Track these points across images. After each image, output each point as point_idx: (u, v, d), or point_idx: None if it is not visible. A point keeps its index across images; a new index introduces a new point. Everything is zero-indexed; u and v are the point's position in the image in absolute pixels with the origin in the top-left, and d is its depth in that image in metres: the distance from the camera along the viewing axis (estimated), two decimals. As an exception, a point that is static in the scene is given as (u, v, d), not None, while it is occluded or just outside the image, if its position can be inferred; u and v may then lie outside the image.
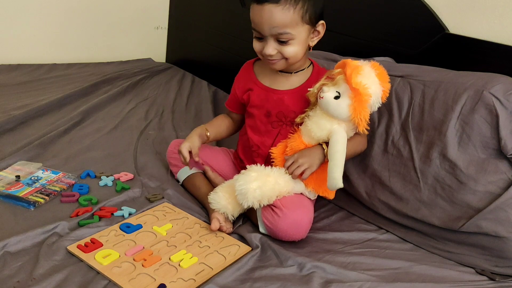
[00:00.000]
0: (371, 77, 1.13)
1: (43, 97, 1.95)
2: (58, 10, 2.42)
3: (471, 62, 1.32)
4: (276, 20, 1.12)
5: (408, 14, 1.48)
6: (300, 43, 1.17)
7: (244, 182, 1.13)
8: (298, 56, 1.20)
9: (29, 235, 1.08)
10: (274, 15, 1.12)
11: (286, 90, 1.27)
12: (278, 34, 1.14)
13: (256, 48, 1.21)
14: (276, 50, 1.17)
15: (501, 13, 1.29)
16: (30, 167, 1.40)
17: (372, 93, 1.11)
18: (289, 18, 1.12)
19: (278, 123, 1.27)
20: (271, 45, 1.16)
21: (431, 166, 1.20)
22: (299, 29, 1.15)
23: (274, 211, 1.15)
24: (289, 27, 1.13)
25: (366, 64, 1.15)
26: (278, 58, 1.19)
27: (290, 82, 1.27)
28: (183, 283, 1.00)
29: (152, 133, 1.76)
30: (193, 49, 2.57)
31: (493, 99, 1.13)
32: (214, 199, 1.20)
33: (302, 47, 1.18)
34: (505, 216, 1.08)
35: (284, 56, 1.17)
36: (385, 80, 1.16)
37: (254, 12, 1.15)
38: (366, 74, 1.12)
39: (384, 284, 1.02)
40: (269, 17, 1.12)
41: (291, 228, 1.13)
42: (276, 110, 1.27)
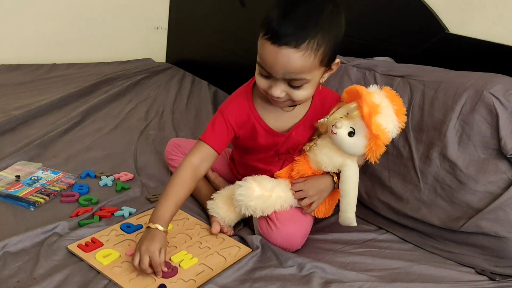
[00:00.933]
0: (389, 116, 1.04)
1: (43, 97, 1.95)
2: (58, 10, 2.42)
3: (471, 62, 1.32)
4: (293, 66, 0.96)
5: (408, 14, 1.48)
6: (313, 86, 1.03)
7: (244, 198, 1.10)
8: (309, 98, 1.08)
9: (29, 235, 1.08)
10: (292, 60, 0.95)
11: (293, 127, 1.15)
12: (292, 79, 0.99)
13: (261, 85, 1.04)
14: (285, 92, 1.02)
15: (501, 13, 1.29)
16: (30, 167, 1.40)
17: (391, 135, 1.05)
18: (309, 64, 0.97)
19: (285, 155, 1.20)
20: (280, 87, 1.01)
21: (431, 166, 1.20)
22: (315, 73, 1.00)
23: (268, 224, 1.14)
24: (306, 73, 0.98)
25: (382, 97, 1.05)
26: (285, 100, 1.04)
27: (295, 115, 1.15)
28: (183, 284, 1.00)
29: (152, 133, 1.76)
30: (193, 49, 2.57)
31: (493, 99, 1.13)
32: (212, 208, 1.19)
33: (313, 89, 1.05)
34: (505, 216, 1.08)
35: (292, 99, 1.03)
36: (402, 113, 1.08)
37: (267, 51, 0.97)
38: (385, 113, 1.03)
39: (384, 284, 1.02)
40: (286, 62, 0.95)
41: (284, 242, 1.13)
42: (284, 148, 1.17)
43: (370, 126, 1.02)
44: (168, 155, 1.43)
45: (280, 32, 0.94)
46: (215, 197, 1.21)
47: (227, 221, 1.19)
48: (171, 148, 1.43)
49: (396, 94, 1.09)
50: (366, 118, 1.02)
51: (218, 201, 1.19)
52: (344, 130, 1.05)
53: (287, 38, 0.94)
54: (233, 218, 1.19)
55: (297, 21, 0.94)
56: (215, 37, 2.37)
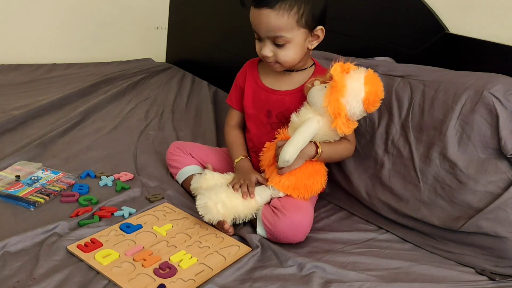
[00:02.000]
0: (355, 75, 1.13)
1: (43, 97, 1.95)
2: (58, 10, 2.42)
3: (471, 62, 1.32)
4: (271, 24, 1.15)
5: (408, 14, 1.48)
6: (296, 46, 1.19)
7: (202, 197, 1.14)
8: (294, 60, 1.22)
9: (29, 235, 1.08)
10: (269, 19, 1.15)
11: (288, 91, 1.28)
12: (274, 37, 1.17)
13: (257, 49, 1.23)
14: (272, 52, 1.19)
15: (501, 13, 1.29)
16: (30, 167, 1.40)
17: (349, 87, 1.11)
18: (284, 22, 1.14)
19: (278, 124, 1.28)
20: (267, 46, 1.19)
21: (431, 166, 1.20)
22: (295, 33, 1.17)
23: (274, 212, 1.15)
24: (284, 31, 1.16)
25: (361, 68, 1.15)
26: (274, 61, 1.21)
27: (292, 82, 1.28)
28: (182, 283, 1.00)
29: (152, 133, 1.76)
30: (193, 49, 2.57)
31: (493, 99, 1.13)
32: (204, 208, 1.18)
33: (298, 51, 1.20)
34: (505, 216, 1.08)
35: (278, 60, 1.20)
36: (373, 85, 1.14)
37: (253, 15, 1.18)
38: (352, 73, 1.13)
39: (384, 284, 1.02)
40: (265, 21, 1.15)
41: (290, 230, 1.13)
42: (277, 111, 1.28)
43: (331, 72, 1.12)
44: (170, 156, 1.43)
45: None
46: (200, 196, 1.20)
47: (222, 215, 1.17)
48: (173, 149, 1.43)
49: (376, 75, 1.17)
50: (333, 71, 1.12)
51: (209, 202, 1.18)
52: (318, 87, 1.17)
53: (265, 1, 1.15)
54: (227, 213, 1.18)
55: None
56: (215, 37, 2.37)
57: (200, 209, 1.15)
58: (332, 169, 1.39)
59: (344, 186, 1.37)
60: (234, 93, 1.38)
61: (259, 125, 1.31)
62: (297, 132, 1.14)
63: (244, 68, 1.37)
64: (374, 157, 1.32)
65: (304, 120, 1.16)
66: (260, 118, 1.31)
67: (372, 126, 1.33)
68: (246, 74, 1.35)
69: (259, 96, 1.31)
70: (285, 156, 1.12)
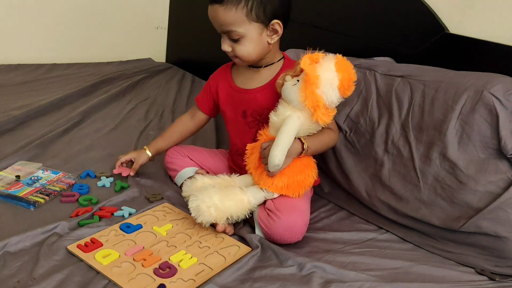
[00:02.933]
0: (326, 64, 1.11)
1: (43, 97, 1.95)
2: (58, 10, 2.42)
3: (471, 62, 1.32)
4: (220, 19, 1.18)
5: (408, 14, 1.48)
6: (252, 41, 1.19)
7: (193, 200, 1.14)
8: (252, 54, 1.21)
9: (29, 235, 1.08)
10: (218, 14, 1.17)
11: (258, 88, 1.28)
12: (227, 32, 1.19)
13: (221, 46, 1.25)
14: (230, 47, 1.21)
15: (501, 13, 1.29)
16: (30, 167, 1.40)
17: (323, 78, 1.09)
18: (232, 17, 1.16)
19: (254, 122, 1.28)
20: (225, 42, 1.21)
21: (431, 166, 1.20)
22: (247, 27, 1.17)
23: (269, 215, 1.14)
24: (234, 26, 1.17)
25: (329, 56, 1.13)
26: (233, 56, 1.23)
27: (261, 79, 1.28)
28: (182, 283, 1.00)
29: (152, 133, 1.76)
30: (193, 49, 2.57)
31: (493, 99, 1.13)
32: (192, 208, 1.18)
33: (255, 45, 1.20)
34: (505, 216, 1.08)
35: (236, 54, 1.21)
36: (345, 70, 1.12)
37: (209, 12, 1.22)
38: (321, 62, 1.12)
39: (384, 284, 1.02)
40: (216, 16, 1.19)
41: (286, 232, 1.13)
42: (251, 110, 1.28)
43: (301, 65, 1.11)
44: (168, 159, 1.42)
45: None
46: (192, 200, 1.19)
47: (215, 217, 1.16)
48: (171, 152, 1.43)
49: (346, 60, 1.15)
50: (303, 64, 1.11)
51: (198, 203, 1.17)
52: (290, 82, 1.16)
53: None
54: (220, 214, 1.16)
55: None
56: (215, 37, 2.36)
57: (193, 211, 1.14)
58: (332, 169, 1.39)
59: (344, 186, 1.37)
60: (202, 93, 1.41)
61: (238, 127, 1.31)
62: (281, 133, 1.12)
63: (217, 72, 1.38)
64: (374, 157, 1.32)
65: (284, 118, 1.15)
66: (238, 119, 1.30)
67: (372, 126, 1.33)
68: (219, 78, 1.36)
69: (233, 98, 1.31)
70: (274, 160, 1.10)
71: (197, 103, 1.41)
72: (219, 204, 1.13)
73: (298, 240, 1.15)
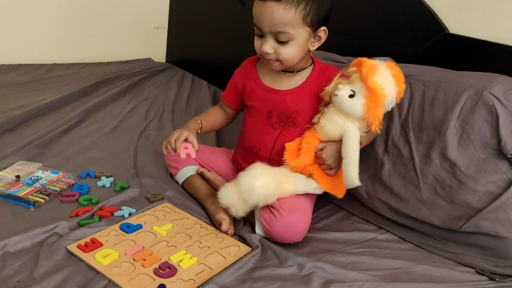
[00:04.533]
0: (387, 77, 1.13)
1: (43, 97, 1.95)
2: (58, 10, 2.42)
3: (471, 62, 1.32)
4: (276, 17, 1.11)
5: (408, 14, 1.48)
6: (299, 45, 1.16)
7: (250, 178, 1.13)
8: (295, 59, 1.18)
9: (29, 235, 1.08)
10: (275, 12, 1.11)
11: (288, 90, 1.26)
12: (278, 32, 1.13)
13: (256, 46, 1.20)
14: (273, 49, 1.16)
15: (501, 13, 1.29)
16: (30, 167, 1.39)
17: (387, 93, 1.11)
18: (290, 17, 1.11)
19: (279, 124, 1.27)
20: (269, 43, 1.15)
21: (431, 166, 1.20)
22: (299, 30, 1.14)
23: (272, 212, 1.14)
24: (288, 27, 1.12)
25: (381, 64, 1.14)
26: (274, 59, 1.18)
27: (292, 81, 1.26)
28: (182, 283, 1.00)
29: (152, 133, 1.76)
30: (193, 49, 2.57)
31: (493, 99, 1.13)
32: (225, 195, 1.18)
33: (300, 50, 1.17)
34: (505, 216, 1.08)
35: (279, 57, 1.17)
36: (401, 80, 1.16)
37: (256, 8, 1.15)
38: (382, 74, 1.12)
39: (384, 284, 1.02)
40: (270, 14, 1.11)
41: (287, 230, 1.13)
42: (277, 111, 1.26)
43: (367, 82, 1.09)
44: (169, 156, 1.42)
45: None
46: (227, 186, 1.20)
47: (239, 208, 1.17)
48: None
49: (396, 65, 1.18)
50: (364, 76, 1.10)
51: (231, 189, 1.18)
52: (345, 92, 1.14)
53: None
54: (244, 207, 1.17)
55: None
56: (215, 37, 2.37)
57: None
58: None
59: (344, 186, 1.37)
60: (229, 91, 1.37)
61: (260, 126, 1.29)
62: (348, 151, 1.14)
63: (242, 67, 1.35)
64: (374, 157, 1.32)
65: (342, 129, 1.16)
66: (261, 118, 1.28)
67: (372, 126, 1.33)
68: (245, 73, 1.32)
69: (259, 95, 1.28)
70: (355, 182, 1.13)
71: (224, 100, 1.38)
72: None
73: (298, 241, 1.15)
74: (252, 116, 1.31)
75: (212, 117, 1.38)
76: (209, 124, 1.36)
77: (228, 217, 1.19)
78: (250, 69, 1.32)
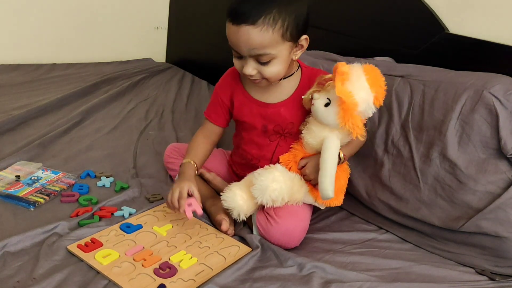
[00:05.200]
0: (359, 83, 1.07)
1: (43, 97, 1.95)
2: (58, 10, 2.42)
3: (471, 62, 1.32)
4: (254, 42, 1.03)
5: (408, 14, 1.48)
6: (282, 61, 1.09)
7: (266, 179, 1.11)
8: (280, 75, 1.12)
9: (29, 235, 1.08)
10: (252, 36, 1.03)
11: (281, 102, 1.19)
12: (258, 55, 1.06)
13: (236, 67, 1.13)
14: (256, 70, 1.08)
15: (501, 13, 1.29)
16: (30, 167, 1.40)
17: (359, 100, 1.06)
18: (268, 39, 1.03)
19: (275, 135, 1.21)
20: (250, 65, 1.08)
21: (431, 166, 1.20)
22: (280, 48, 1.06)
23: (268, 219, 1.14)
24: (268, 48, 1.05)
25: (357, 68, 1.09)
26: (259, 78, 1.11)
27: (282, 91, 1.19)
28: (182, 283, 1.00)
29: (152, 133, 1.76)
30: (193, 49, 2.57)
31: (493, 99, 1.13)
32: (229, 197, 1.16)
33: (284, 65, 1.10)
34: (505, 216, 1.08)
35: (264, 76, 1.10)
36: (377, 84, 1.10)
37: (230, 31, 1.06)
38: (353, 80, 1.06)
39: (384, 284, 1.02)
40: (246, 39, 1.03)
41: (283, 237, 1.13)
42: (273, 124, 1.20)
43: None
44: (167, 159, 1.43)
45: (238, 11, 1.03)
46: (232, 187, 1.18)
47: (243, 211, 1.15)
48: (170, 152, 1.43)
49: (374, 68, 1.12)
50: (335, 84, 1.05)
51: (236, 189, 1.16)
52: (321, 101, 1.10)
53: (243, 16, 1.02)
54: (250, 207, 1.16)
55: (253, 1, 1.03)
56: (215, 37, 2.37)
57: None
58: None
59: (344, 186, 1.37)
60: (213, 107, 1.25)
61: (256, 139, 1.23)
62: (325, 161, 1.09)
63: (225, 81, 1.24)
64: (374, 157, 1.32)
65: (321, 139, 1.13)
66: (257, 132, 1.22)
67: (372, 126, 1.33)
68: (230, 88, 1.23)
69: (250, 110, 1.20)
70: (328, 194, 1.08)
71: (209, 119, 1.26)
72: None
73: (295, 246, 1.15)
74: (246, 130, 1.25)
75: (202, 150, 1.24)
76: (202, 160, 1.24)
77: (228, 218, 1.19)
78: (234, 82, 1.23)
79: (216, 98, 1.25)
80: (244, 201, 1.15)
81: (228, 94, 1.23)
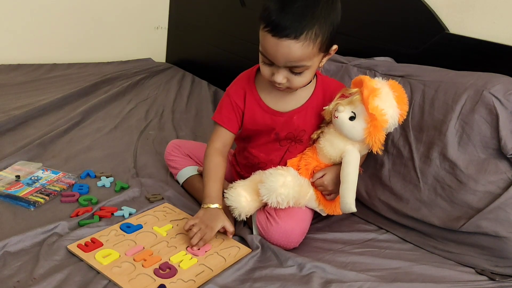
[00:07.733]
0: (388, 101, 1.07)
1: (43, 97, 1.95)
2: (58, 10, 2.42)
3: (471, 62, 1.32)
4: (294, 55, 1.02)
5: (408, 14, 1.48)
6: (313, 71, 1.10)
7: (276, 181, 1.10)
8: (307, 83, 1.13)
9: (29, 235, 1.08)
10: (292, 49, 1.01)
11: (294, 110, 1.19)
12: (293, 66, 1.05)
13: (264, 73, 1.10)
14: (286, 78, 1.08)
15: (501, 13, 1.29)
16: (30, 167, 1.39)
17: (389, 117, 1.07)
18: (308, 52, 1.03)
19: (286, 141, 1.21)
20: (282, 74, 1.07)
21: (431, 166, 1.20)
22: (315, 59, 1.07)
23: (268, 219, 1.14)
24: (306, 60, 1.04)
25: (384, 84, 1.09)
26: (285, 87, 1.10)
27: (296, 99, 1.19)
28: (182, 284, 1.00)
29: (152, 133, 1.76)
30: (193, 49, 2.57)
31: (493, 99, 1.13)
32: (232, 196, 1.14)
33: (313, 74, 1.12)
34: (505, 216, 1.08)
35: (291, 86, 1.09)
36: (403, 102, 1.11)
37: (269, 43, 1.03)
38: (383, 97, 1.06)
39: (384, 284, 1.02)
40: (287, 52, 1.02)
41: (282, 238, 1.13)
42: (285, 132, 1.20)
43: (367, 107, 1.05)
44: (168, 156, 1.43)
45: (280, 25, 1.00)
46: (237, 186, 1.16)
47: (244, 212, 1.15)
48: (171, 149, 1.43)
49: (399, 85, 1.12)
50: (365, 100, 1.05)
51: (240, 189, 1.15)
52: (345, 114, 1.10)
53: (286, 31, 1.00)
54: (252, 209, 1.16)
55: (295, 15, 1.00)
56: (215, 37, 2.37)
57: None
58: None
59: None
60: (227, 112, 1.21)
61: (266, 145, 1.23)
62: (347, 174, 1.10)
63: (241, 86, 1.21)
64: (374, 157, 1.32)
65: (342, 151, 1.13)
66: (267, 139, 1.22)
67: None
68: (244, 91, 1.20)
69: (264, 120, 1.19)
70: (351, 207, 1.08)
71: (223, 125, 1.20)
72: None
73: (295, 247, 1.15)
74: (256, 135, 1.23)
75: (221, 173, 1.20)
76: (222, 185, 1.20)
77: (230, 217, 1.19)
78: (249, 88, 1.20)
79: (229, 102, 1.20)
80: (247, 203, 1.15)
81: (242, 98, 1.20)
